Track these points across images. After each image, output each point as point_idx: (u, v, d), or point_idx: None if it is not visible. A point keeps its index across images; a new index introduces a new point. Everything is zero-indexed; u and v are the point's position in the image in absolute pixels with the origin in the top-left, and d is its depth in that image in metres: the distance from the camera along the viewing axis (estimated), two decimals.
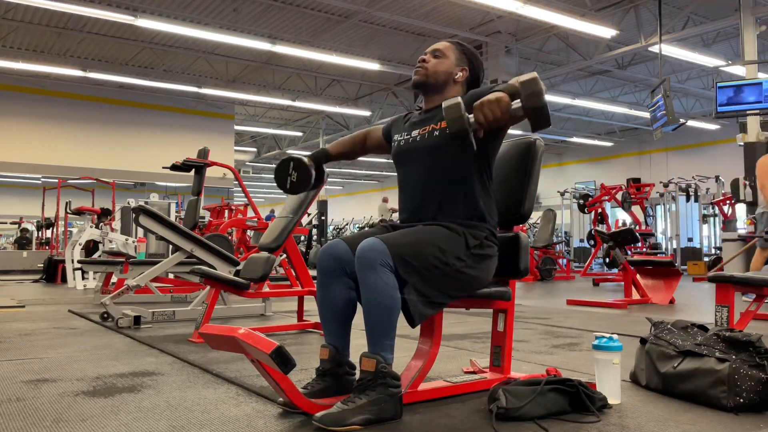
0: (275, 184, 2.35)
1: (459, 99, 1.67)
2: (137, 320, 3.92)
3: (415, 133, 2.07)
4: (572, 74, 14.03)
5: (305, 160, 2.19)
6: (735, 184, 10.09)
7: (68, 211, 9.67)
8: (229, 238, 7.92)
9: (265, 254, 3.46)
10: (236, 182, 12.32)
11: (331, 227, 20.90)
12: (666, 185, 13.65)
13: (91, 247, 9.34)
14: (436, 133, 1.99)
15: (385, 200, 14.52)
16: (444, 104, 1.67)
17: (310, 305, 4.82)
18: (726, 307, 2.94)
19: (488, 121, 1.65)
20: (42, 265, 9.54)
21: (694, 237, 15.27)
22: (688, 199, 13.17)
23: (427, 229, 1.92)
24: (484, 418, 1.78)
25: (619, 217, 14.45)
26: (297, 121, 19.27)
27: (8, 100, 14.01)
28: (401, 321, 1.79)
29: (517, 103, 1.63)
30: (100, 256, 8.23)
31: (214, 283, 3.42)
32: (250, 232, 8.78)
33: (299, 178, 2.18)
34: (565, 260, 11.10)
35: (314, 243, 15.70)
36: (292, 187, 2.19)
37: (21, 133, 14.14)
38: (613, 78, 14.66)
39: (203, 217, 9.67)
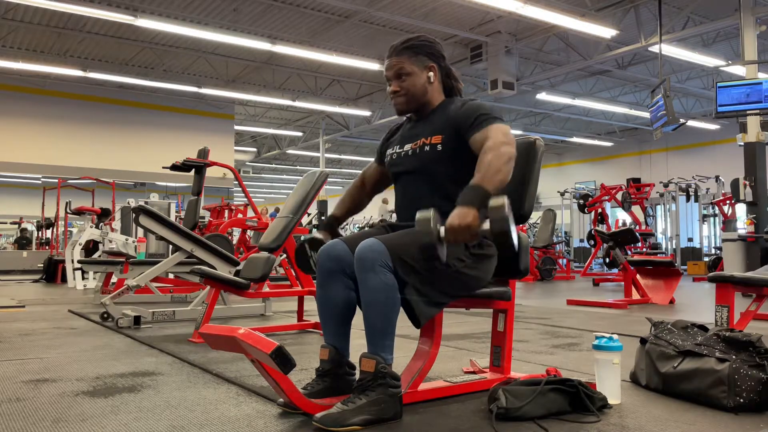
0: (276, 184, 2.34)
1: (431, 212, 1.65)
2: (137, 320, 3.92)
3: (407, 147, 2.06)
4: (572, 74, 14.02)
5: (319, 237, 2.16)
6: (735, 184, 10.08)
7: (68, 211, 9.67)
8: (230, 238, 7.93)
9: (265, 254, 3.46)
10: (236, 182, 12.32)
11: None
12: (666, 185, 13.65)
13: (91, 247, 9.34)
14: (427, 147, 1.99)
15: (385, 201, 14.51)
16: (417, 216, 1.66)
17: (310, 305, 4.82)
18: (726, 307, 2.94)
19: (457, 242, 1.69)
20: (42, 265, 9.54)
21: (694, 237, 15.28)
22: (688, 199, 13.17)
23: None
24: (484, 418, 1.78)
25: (619, 217, 14.44)
26: (297, 121, 19.26)
27: (8, 100, 14.00)
28: (401, 321, 1.79)
29: (486, 225, 1.66)
30: (100, 256, 8.22)
31: (214, 283, 3.42)
32: (250, 232, 8.78)
33: None
34: (565, 260, 11.10)
35: None
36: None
37: (21, 133, 14.14)
38: (613, 78, 14.65)
39: (203, 217, 9.67)
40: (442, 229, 1.67)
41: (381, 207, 14.25)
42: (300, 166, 26.25)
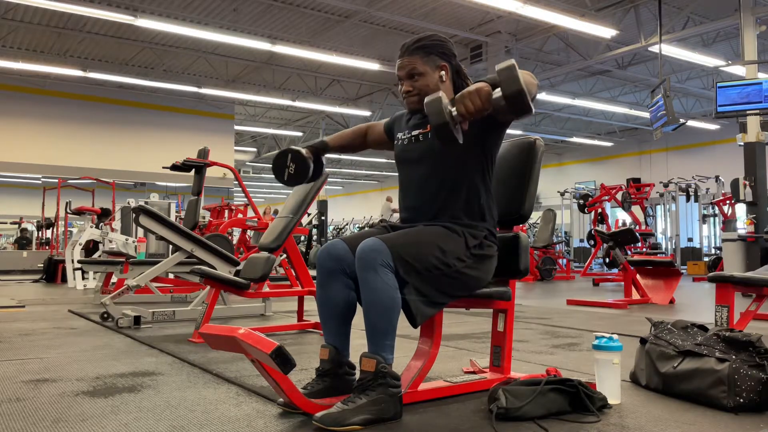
0: (276, 184, 2.34)
1: (440, 93, 1.64)
2: (137, 320, 3.92)
3: (416, 132, 2.06)
4: (572, 74, 14.02)
5: (303, 151, 2.17)
6: (735, 184, 10.08)
7: (68, 211, 9.67)
8: (230, 238, 7.93)
9: (265, 254, 3.46)
10: (236, 182, 12.31)
11: (331, 227, 20.90)
12: (666, 185, 13.65)
13: (91, 247, 9.34)
14: None
15: (389, 199, 14.51)
16: (426, 100, 1.64)
17: (310, 305, 4.82)
18: (726, 307, 2.94)
19: (470, 111, 1.64)
20: (42, 265, 9.54)
21: (694, 237, 15.28)
22: (688, 199, 13.17)
23: (427, 229, 1.92)
24: (484, 418, 1.78)
25: (619, 217, 14.44)
26: (297, 121, 19.26)
27: (8, 100, 14.01)
28: (401, 321, 1.79)
29: (498, 92, 1.61)
30: (100, 256, 8.22)
31: (214, 283, 3.42)
32: (250, 232, 8.79)
33: (297, 169, 2.15)
34: (565, 260, 11.10)
35: (314, 243, 15.70)
36: (289, 179, 2.16)
37: (21, 133, 14.14)
38: (613, 78, 14.65)
39: (203, 217, 9.67)
40: (454, 110, 1.63)
41: (384, 205, 14.25)
42: None
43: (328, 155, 2.50)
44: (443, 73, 2.02)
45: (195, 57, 12.99)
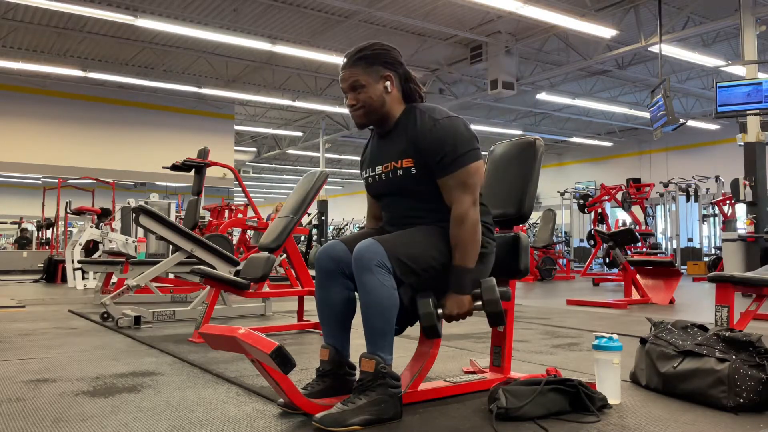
0: (276, 184, 2.32)
1: (430, 302, 1.81)
2: (137, 320, 3.92)
3: (378, 169, 1.99)
4: (572, 74, 14.02)
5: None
6: (735, 184, 10.08)
7: (68, 211, 9.67)
8: (230, 238, 7.92)
9: (265, 254, 3.46)
10: (236, 182, 12.31)
11: (331, 227, 20.89)
12: (666, 185, 13.65)
13: (91, 247, 9.34)
14: (400, 172, 1.92)
15: None
16: (420, 310, 1.82)
17: (310, 305, 4.82)
18: (726, 307, 2.94)
19: (453, 318, 1.87)
20: (42, 265, 9.54)
21: (694, 237, 15.28)
22: (688, 199, 13.17)
23: (424, 229, 1.91)
24: (484, 418, 1.78)
25: (619, 217, 14.44)
26: (297, 121, 19.26)
27: (8, 100, 14.00)
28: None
29: (479, 303, 1.86)
30: (100, 256, 8.23)
31: (214, 283, 3.42)
32: (250, 232, 8.78)
33: None
34: (565, 260, 11.10)
35: (314, 243, 15.70)
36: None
37: (21, 133, 14.14)
38: (613, 78, 14.65)
39: (203, 217, 9.67)
40: (440, 311, 1.86)
41: None
42: (300, 166, 26.25)
43: (327, 155, 2.48)
44: (388, 83, 1.94)
45: (195, 57, 12.98)
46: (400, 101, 1.98)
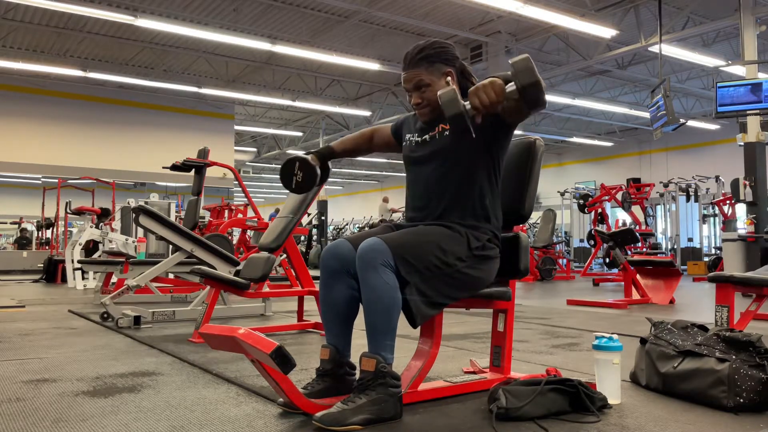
0: (276, 184, 2.34)
1: (453, 87, 1.69)
2: (137, 320, 3.92)
3: (425, 135, 2.06)
4: (572, 74, 14.02)
5: (310, 158, 2.18)
6: (735, 184, 10.08)
7: (68, 211, 9.67)
8: (230, 238, 7.92)
9: (265, 254, 3.46)
10: (236, 182, 12.31)
11: (331, 227, 20.89)
12: (666, 185, 13.65)
13: (91, 247, 9.34)
14: (447, 132, 1.99)
15: (385, 200, 14.52)
16: (439, 92, 1.68)
17: (310, 305, 4.82)
18: (726, 307, 2.94)
19: (483, 104, 1.66)
20: (42, 265, 9.54)
21: (694, 237, 15.27)
22: (688, 199, 13.17)
23: (429, 229, 1.91)
24: (484, 418, 1.78)
25: (619, 217, 14.44)
26: (297, 121, 19.26)
27: (8, 100, 14.00)
28: (401, 321, 1.79)
29: (511, 86, 1.65)
30: (100, 256, 8.22)
31: (214, 283, 3.42)
32: (250, 232, 8.78)
33: (305, 177, 2.16)
34: (565, 260, 11.10)
35: (314, 243, 15.70)
36: (297, 187, 2.17)
37: (21, 133, 14.14)
38: (613, 78, 14.65)
39: (203, 217, 9.66)
40: (467, 103, 1.65)
41: (381, 206, 14.26)
42: None
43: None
44: (449, 79, 2.00)
45: (195, 57, 12.99)
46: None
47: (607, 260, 10.76)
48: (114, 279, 6.11)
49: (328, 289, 1.93)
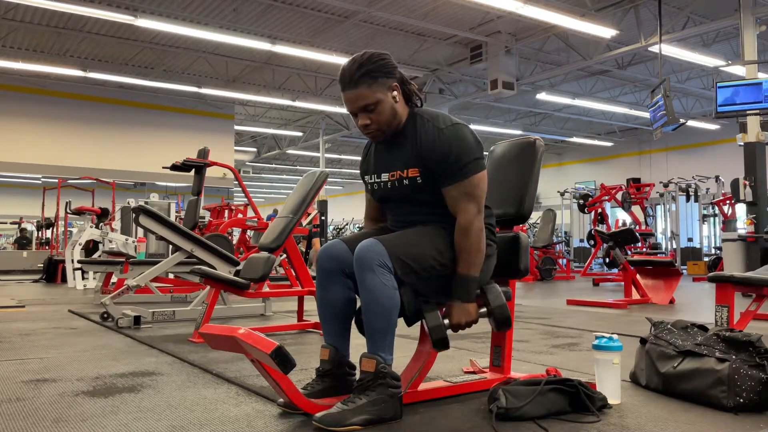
0: (276, 184, 2.33)
1: (437, 312, 1.82)
2: (137, 320, 3.93)
3: (384, 177, 1.97)
4: (572, 74, 14.02)
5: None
6: (735, 184, 10.08)
7: (68, 211, 9.67)
8: (230, 238, 7.92)
9: (265, 254, 3.46)
10: (236, 182, 12.31)
11: (331, 227, 20.89)
12: (666, 185, 13.65)
13: (90, 247, 9.34)
14: (406, 181, 1.91)
15: None
16: (426, 317, 1.83)
17: (310, 305, 4.82)
18: (726, 307, 2.94)
19: (461, 327, 1.88)
20: (42, 265, 9.54)
21: (694, 237, 15.28)
22: (688, 199, 13.17)
23: (425, 229, 1.91)
24: (484, 418, 1.78)
25: (619, 217, 14.45)
26: (297, 121, 19.26)
27: (8, 100, 14.00)
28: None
29: (484, 310, 1.91)
30: (100, 256, 8.22)
31: (214, 283, 3.42)
32: (250, 232, 8.78)
33: None
34: (565, 260, 11.10)
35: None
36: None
37: (21, 133, 14.13)
38: (613, 78, 14.65)
39: (203, 217, 9.67)
40: (446, 321, 1.86)
41: None
42: (300, 166, 26.25)
43: (327, 155, 2.48)
44: (395, 93, 1.89)
45: (195, 57, 12.98)
46: (404, 106, 1.95)
47: (607, 260, 10.76)
48: (114, 279, 6.11)
49: (324, 289, 1.93)
